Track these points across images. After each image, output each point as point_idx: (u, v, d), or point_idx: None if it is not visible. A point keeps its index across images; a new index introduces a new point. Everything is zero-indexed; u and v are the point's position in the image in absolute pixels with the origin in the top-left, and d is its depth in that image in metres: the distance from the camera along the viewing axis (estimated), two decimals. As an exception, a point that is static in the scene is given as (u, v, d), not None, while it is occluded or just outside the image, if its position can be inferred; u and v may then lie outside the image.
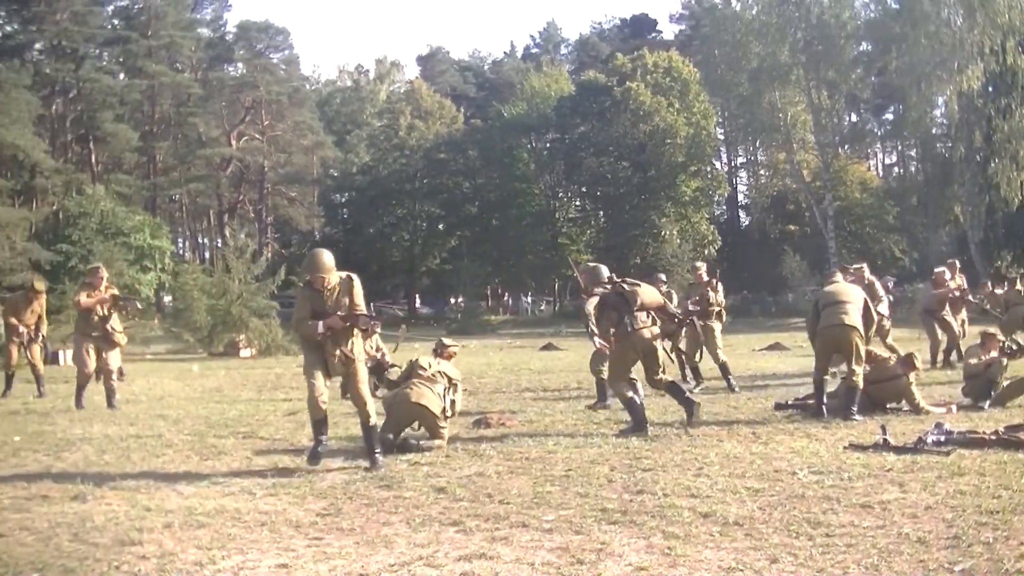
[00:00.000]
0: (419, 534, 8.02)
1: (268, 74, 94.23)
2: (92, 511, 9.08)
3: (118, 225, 64.80)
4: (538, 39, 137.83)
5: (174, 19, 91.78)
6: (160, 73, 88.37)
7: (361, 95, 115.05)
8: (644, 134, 78.00)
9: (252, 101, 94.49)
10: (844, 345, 14.52)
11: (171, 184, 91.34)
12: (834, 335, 14.59)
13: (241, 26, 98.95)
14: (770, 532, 7.71)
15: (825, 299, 14.91)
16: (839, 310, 14.61)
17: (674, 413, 14.98)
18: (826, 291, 15.23)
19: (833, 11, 67.97)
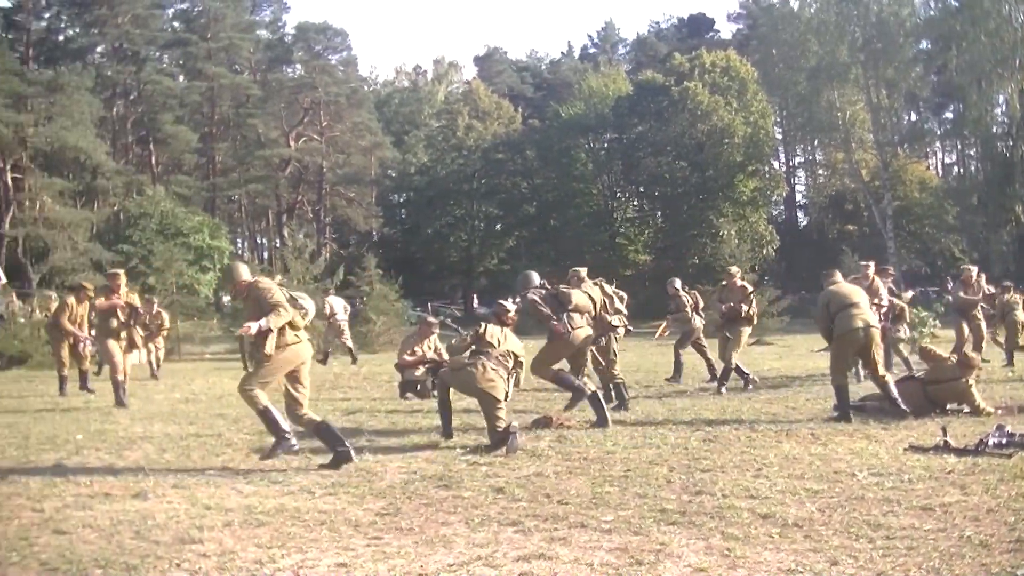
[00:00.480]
0: (478, 534, 8.05)
1: (326, 75, 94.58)
2: (153, 509, 9.16)
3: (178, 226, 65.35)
4: (595, 39, 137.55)
5: (233, 21, 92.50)
6: (219, 75, 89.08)
7: (419, 96, 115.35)
8: (702, 134, 77.70)
9: (311, 102, 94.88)
10: (865, 349, 14.70)
11: (230, 185, 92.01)
12: (856, 339, 14.64)
13: (300, 27, 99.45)
14: (830, 534, 7.68)
15: (836, 301, 14.90)
16: (854, 312, 14.72)
17: (732, 412, 14.97)
18: (834, 292, 15.17)
19: (892, 9, 67.56)
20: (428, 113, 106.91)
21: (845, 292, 15.09)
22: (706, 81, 79.03)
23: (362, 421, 15.24)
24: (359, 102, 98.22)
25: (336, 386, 22.48)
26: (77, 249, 66.08)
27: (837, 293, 15.07)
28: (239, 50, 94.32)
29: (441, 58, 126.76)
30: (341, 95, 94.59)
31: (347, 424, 14.95)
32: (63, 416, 16.89)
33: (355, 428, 14.47)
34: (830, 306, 14.92)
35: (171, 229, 64.72)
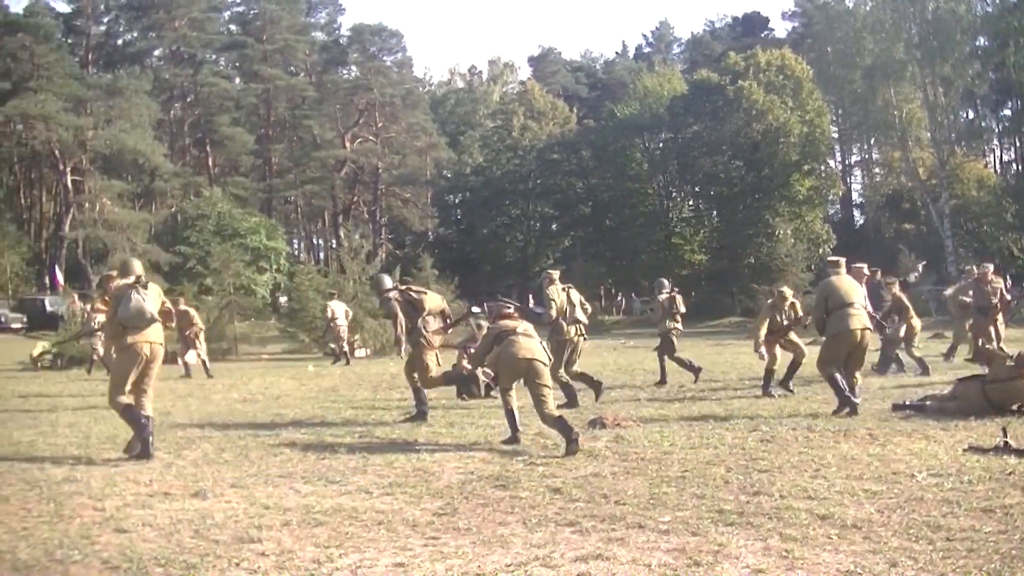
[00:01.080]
0: (535, 534, 8.05)
1: (382, 76, 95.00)
2: (212, 508, 9.25)
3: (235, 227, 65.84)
4: (650, 38, 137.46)
5: (289, 23, 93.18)
6: (275, 77, 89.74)
7: (474, 96, 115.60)
8: (757, 133, 77.37)
9: (366, 103, 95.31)
10: (858, 348, 15.15)
11: (286, 186, 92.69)
12: (850, 340, 15.03)
13: (355, 29, 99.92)
14: (889, 535, 7.64)
15: (835, 298, 15.18)
16: (851, 312, 15.06)
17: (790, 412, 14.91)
18: (835, 287, 15.38)
19: (948, 6, 67.06)
20: (483, 113, 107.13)
21: (845, 290, 15.31)
22: (761, 80, 78.72)
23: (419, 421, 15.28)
24: (414, 103, 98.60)
25: (393, 386, 22.51)
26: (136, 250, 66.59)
27: (837, 289, 15.30)
28: (295, 52, 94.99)
29: (496, 58, 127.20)
30: (396, 96, 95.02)
31: (404, 424, 15.08)
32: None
33: (412, 428, 14.56)
34: (828, 301, 15.18)
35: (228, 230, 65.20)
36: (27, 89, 71.69)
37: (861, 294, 15.63)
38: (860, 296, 15.49)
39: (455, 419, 15.27)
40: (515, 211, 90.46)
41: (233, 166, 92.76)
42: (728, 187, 79.85)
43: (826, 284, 15.56)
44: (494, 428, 14.09)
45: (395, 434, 13.95)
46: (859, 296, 15.43)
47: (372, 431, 14.32)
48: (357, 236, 47.24)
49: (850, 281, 15.76)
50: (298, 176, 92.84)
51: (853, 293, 15.34)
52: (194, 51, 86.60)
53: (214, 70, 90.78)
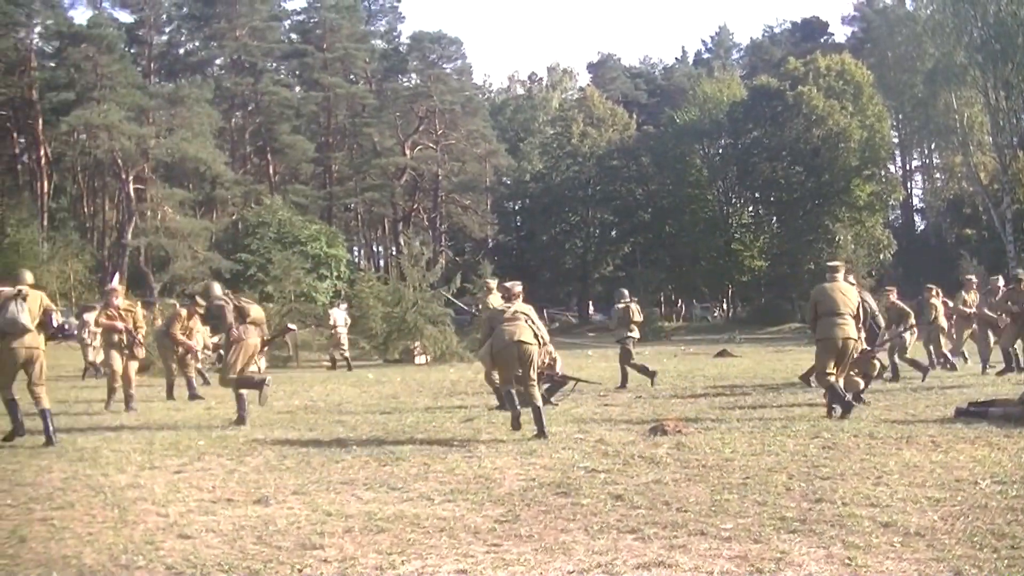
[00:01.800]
0: (597, 541, 8.04)
1: (441, 84, 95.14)
2: (275, 515, 9.28)
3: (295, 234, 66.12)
4: (709, 44, 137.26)
5: (349, 32, 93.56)
6: (335, 85, 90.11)
7: (533, 103, 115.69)
8: (817, 138, 77.19)
9: (426, 111, 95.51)
10: (842, 356, 15.62)
11: (346, 193, 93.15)
12: (834, 346, 15.53)
13: (414, 37, 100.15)
14: (953, 543, 7.59)
15: (824, 305, 15.74)
16: (838, 322, 15.57)
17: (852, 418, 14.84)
18: (825, 294, 15.86)
19: (1010, 8, 66.56)
20: (542, 120, 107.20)
21: (835, 299, 15.71)
22: (821, 85, 78.56)
23: (480, 427, 15.30)
24: (474, 110, 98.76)
25: (453, 392, 22.60)
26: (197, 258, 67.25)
27: (827, 297, 15.79)
28: (355, 60, 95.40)
29: (555, 65, 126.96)
30: (456, 103, 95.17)
31: (465, 431, 15.05)
32: (185, 423, 17.16)
33: (473, 434, 14.56)
34: (817, 307, 15.70)
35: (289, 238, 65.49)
36: (90, 99, 72.26)
37: (852, 304, 15.84)
38: (850, 306, 15.75)
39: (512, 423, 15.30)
40: (575, 218, 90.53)
41: (293, 174, 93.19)
42: (788, 193, 79.71)
43: (819, 290, 16.08)
44: (555, 435, 14.07)
45: (456, 441, 13.93)
46: (849, 306, 15.72)
47: (433, 437, 14.33)
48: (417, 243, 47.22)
49: (843, 289, 16.06)
50: (358, 183, 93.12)
51: (842, 304, 15.69)
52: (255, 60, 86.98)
53: (275, 79, 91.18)
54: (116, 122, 69.01)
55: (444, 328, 38.48)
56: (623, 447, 12.82)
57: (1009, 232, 69.13)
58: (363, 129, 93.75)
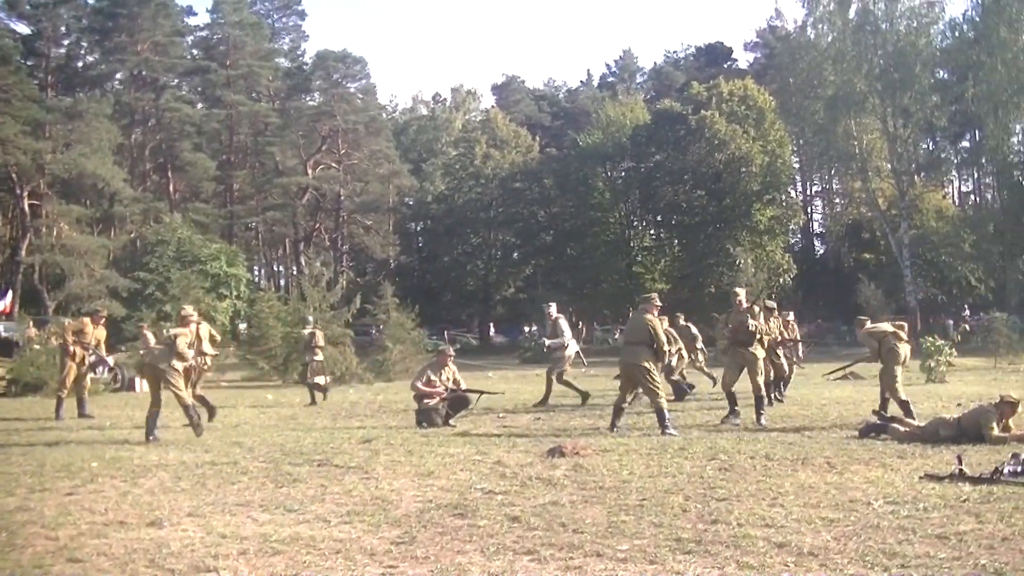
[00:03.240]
0: (493, 563, 8.04)
1: (345, 103, 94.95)
2: (168, 537, 9.17)
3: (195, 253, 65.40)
4: (614, 68, 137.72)
5: (252, 49, 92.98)
6: (238, 102, 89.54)
7: (437, 124, 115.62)
8: (719, 162, 77.77)
9: (329, 130, 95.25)
10: (631, 378, 17.65)
11: (248, 212, 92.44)
12: (625, 370, 17.85)
13: (319, 55, 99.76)
14: (845, 563, 7.68)
15: (624, 334, 17.95)
16: (628, 350, 17.84)
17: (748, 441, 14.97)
18: (630, 322, 18.39)
19: (909, 38, 67.65)
20: (446, 141, 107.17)
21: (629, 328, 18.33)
22: (724, 110, 79.21)
23: (378, 449, 15.25)
24: (377, 130, 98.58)
25: (352, 414, 22.51)
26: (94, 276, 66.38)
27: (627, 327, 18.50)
28: (258, 78, 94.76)
29: (459, 86, 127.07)
30: (359, 123, 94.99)
31: (363, 452, 14.97)
32: (78, 444, 16.94)
33: (371, 456, 14.49)
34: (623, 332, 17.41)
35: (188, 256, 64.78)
36: (-16, 112, 71.33)
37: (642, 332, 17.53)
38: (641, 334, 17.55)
39: (413, 448, 15.24)
40: (477, 239, 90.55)
41: (194, 192, 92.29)
42: (690, 216, 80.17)
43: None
44: (452, 456, 14.10)
45: (354, 463, 13.85)
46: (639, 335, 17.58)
47: (331, 459, 14.21)
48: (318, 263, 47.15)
49: (636, 320, 17.99)
50: (260, 203, 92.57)
51: (632, 332, 17.96)
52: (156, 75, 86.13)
53: (176, 95, 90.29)
54: (11, 136, 67.93)
55: (344, 349, 38.29)
56: (521, 469, 12.86)
57: (906, 257, 70.05)
58: (266, 148, 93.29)
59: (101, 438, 17.86)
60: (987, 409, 14.87)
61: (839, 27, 70.75)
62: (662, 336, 17.64)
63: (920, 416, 16.89)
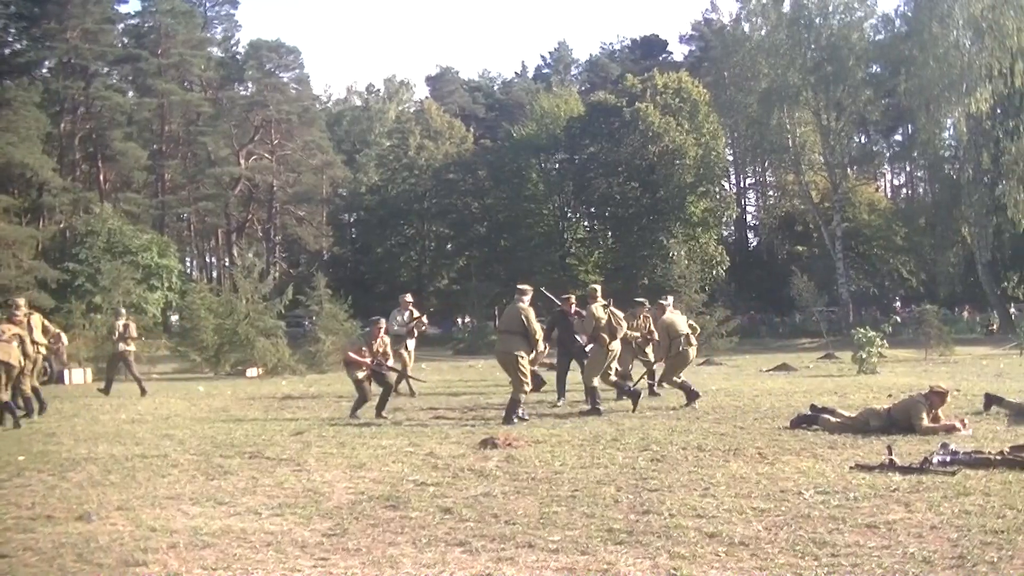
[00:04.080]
0: (425, 554, 8.01)
1: (278, 93, 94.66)
2: (97, 531, 9.07)
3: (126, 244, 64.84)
4: (549, 60, 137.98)
5: (184, 38, 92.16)
6: (170, 92, 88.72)
7: (370, 115, 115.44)
8: (653, 155, 77.96)
9: (262, 120, 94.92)
10: (504, 366, 18.41)
11: (180, 203, 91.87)
12: (499, 359, 18.58)
13: (252, 45, 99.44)
14: (776, 552, 7.72)
15: (499, 324, 18.93)
16: (502, 339, 18.56)
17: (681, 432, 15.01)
18: (504, 313, 18.86)
19: (842, 33, 68.15)
20: (379, 132, 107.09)
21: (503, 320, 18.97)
22: (658, 102, 79.36)
23: (310, 441, 15.16)
24: (311, 120, 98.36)
25: (284, 406, 22.37)
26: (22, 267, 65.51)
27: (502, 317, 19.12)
28: (190, 67, 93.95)
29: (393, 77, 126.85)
30: (293, 113, 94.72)
31: (295, 444, 14.87)
32: (4, 438, 16.75)
33: (303, 448, 14.41)
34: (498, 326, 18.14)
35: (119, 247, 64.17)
36: (-94, 100, 70.49)
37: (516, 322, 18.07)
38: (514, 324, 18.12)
39: (346, 439, 15.17)
40: (410, 231, 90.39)
41: (125, 182, 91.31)
42: (624, 208, 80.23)
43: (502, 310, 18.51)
44: (385, 448, 14.05)
45: (286, 455, 13.76)
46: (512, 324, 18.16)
47: (263, 451, 14.12)
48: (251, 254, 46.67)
49: (510, 311, 18.43)
50: (192, 193, 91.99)
51: (504, 322, 18.72)
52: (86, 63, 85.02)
53: (107, 83, 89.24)
54: (-65, 124, 67.26)
55: (277, 341, 38.01)
56: (453, 460, 12.84)
57: (839, 249, 70.61)
58: (198, 138, 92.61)
59: (28, 431, 17.66)
60: (917, 400, 14.96)
61: (773, 21, 71.21)
62: (535, 325, 18.07)
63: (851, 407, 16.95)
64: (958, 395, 19.54)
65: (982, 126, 63.34)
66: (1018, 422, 15.39)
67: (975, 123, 62.83)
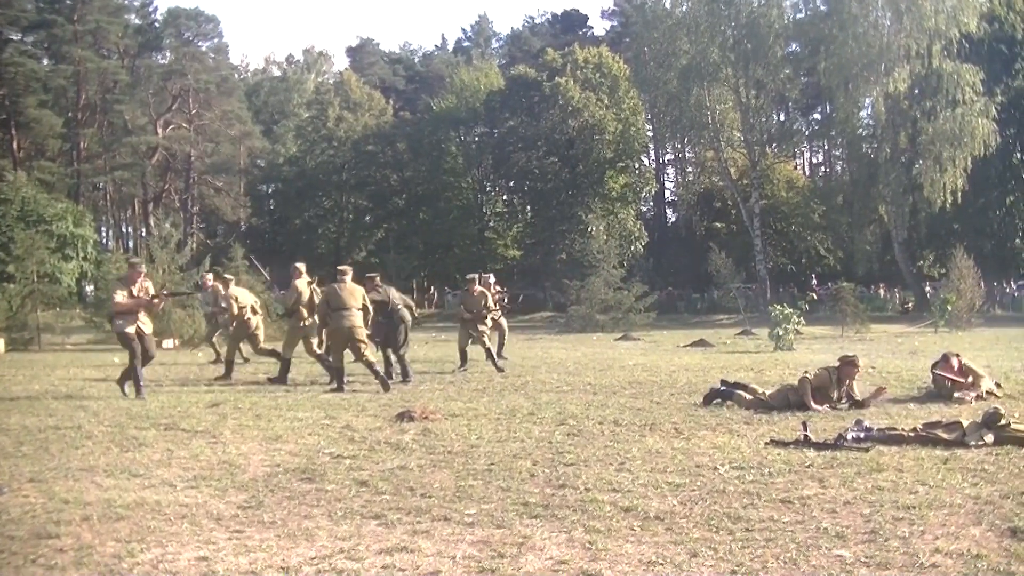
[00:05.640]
0: (340, 527, 8.01)
1: (196, 62, 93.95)
2: (8, 504, 8.98)
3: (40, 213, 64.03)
4: (469, 32, 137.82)
5: (101, 4, 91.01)
6: (86, 59, 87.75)
7: (289, 85, 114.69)
8: (573, 129, 78.13)
9: (180, 89, 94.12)
10: (352, 341, 19.14)
11: (95, 172, 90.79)
12: (345, 335, 19.08)
13: (170, 13, 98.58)
14: (690, 527, 7.76)
15: (336, 301, 19.16)
16: (346, 315, 19.08)
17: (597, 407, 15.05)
18: (337, 292, 19.29)
19: (762, 10, 68.37)
20: (298, 103, 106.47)
21: (343, 297, 19.27)
22: (578, 77, 79.51)
23: (226, 413, 15.08)
24: (229, 90, 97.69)
25: (200, 378, 22.25)
26: (-69, 236, 64.66)
27: (338, 295, 19.29)
28: (107, 34, 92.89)
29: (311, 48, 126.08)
30: (211, 83, 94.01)
31: (211, 416, 14.80)
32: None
33: (219, 420, 14.32)
34: (330, 303, 19.29)
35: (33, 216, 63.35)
36: None
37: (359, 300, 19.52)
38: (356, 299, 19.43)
39: (262, 411, 15.11)
40: (328, 202, 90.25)
41: (39, 150, 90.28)
42: (543, 182, 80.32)
43: (331, 289, 19.58)
44: (301, 421, 14.04)
45: (201, 427, 13.68)
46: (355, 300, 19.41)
47: (178, 423, 14.03)
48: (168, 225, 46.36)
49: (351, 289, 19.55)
50: (108, 162, 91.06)
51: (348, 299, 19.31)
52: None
53: (20, 49, 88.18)
54: None
55: (193, 312, 37.77)
56: (369, 433, 12.86)
57: (757, 226, 71.04)
58: (114, 106, 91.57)
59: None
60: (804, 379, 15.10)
61: (694, -3, 71.37)
62: (367, 303, 19.73)
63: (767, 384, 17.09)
64: (873, 372, 19.78)
65: (900, 106, 63.86)
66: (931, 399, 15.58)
67: (893, 103, 63.32)
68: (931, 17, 60.02)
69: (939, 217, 64.59)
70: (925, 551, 6.95)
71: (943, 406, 14.81)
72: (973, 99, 60.05)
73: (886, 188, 65.83)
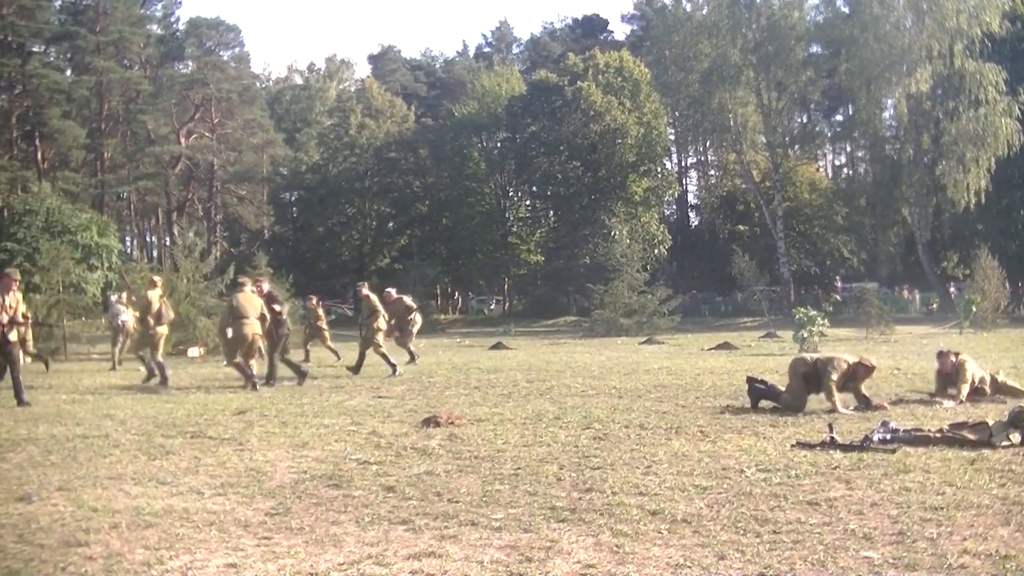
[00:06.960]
0: (368, 533, 7.98)
1: (218, 71, 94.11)
2: (38, 512, 8.96)
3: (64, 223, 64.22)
4: (490, 38, 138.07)
5: (123, 15, 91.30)
6: (109, 69, 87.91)
7: (311, 93, 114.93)
8: (595, 134, 78.14)
9: (202, 99, 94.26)
10: (250, 346, 21.06)
11: (119, 182, 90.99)
12: (243, 340, 20.87)
13: (192, 23, 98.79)
14: (718, 529, 7.73)
15: (239, 310, 21.04)
16: (246, 323, 20.92)
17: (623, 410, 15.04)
18: (240, 301, 21.20)
19: (783, 12, 68.34)
20: (320, 111, 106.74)
21: (244, 306, 21.11)
22: (599, 81, 79.56)
23: (252, 420, 15.10)
24: (251, 99, 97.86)
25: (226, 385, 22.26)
26: (-41, 246, 64.90)
27: (240, 305, 21.10)
28: (129, 44, 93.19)
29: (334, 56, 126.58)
30: (233, 92, 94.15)
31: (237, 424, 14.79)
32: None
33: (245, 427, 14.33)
34: (233, 312, 21.09)
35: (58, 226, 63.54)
36: None
37: (258, 309, 21.43)
38: (256, 311, 21.33)
39: (288, 419, 15.14)
40: (351, 209, 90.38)
41: (63, 160, 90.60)
42: (565, 187, 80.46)
43: (234, 298, 21.49)
44: (327, 427, 14.05)
45: (228, 434, 13.70)
46: (255, 311, 21.28)
47: (205, 431, 14.05)
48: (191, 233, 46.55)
49: (249, 298, 21.42)
50: (131, 172, 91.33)
51: (249, 309, 21.16)
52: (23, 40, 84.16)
53: (44, 61, 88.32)
54: None
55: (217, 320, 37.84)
56: (396, 439, 12.85)
57: (780, 228, 70.96)
58: (137, 116, 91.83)
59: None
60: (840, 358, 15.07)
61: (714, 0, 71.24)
62: (264, 312, 21.59)
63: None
64: (897, 374, 19.73)
65: (922, 107, 63.79)
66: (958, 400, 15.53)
67: (915, 104, 63.27)
68: (953, 17, 59.89)
69: (963, 218, 64.45)
70: (953, 552, 6.92)
71: (969, 407, 14.76)
72: (996, 99, 59.88)
73: (909, 189, 65.73)
